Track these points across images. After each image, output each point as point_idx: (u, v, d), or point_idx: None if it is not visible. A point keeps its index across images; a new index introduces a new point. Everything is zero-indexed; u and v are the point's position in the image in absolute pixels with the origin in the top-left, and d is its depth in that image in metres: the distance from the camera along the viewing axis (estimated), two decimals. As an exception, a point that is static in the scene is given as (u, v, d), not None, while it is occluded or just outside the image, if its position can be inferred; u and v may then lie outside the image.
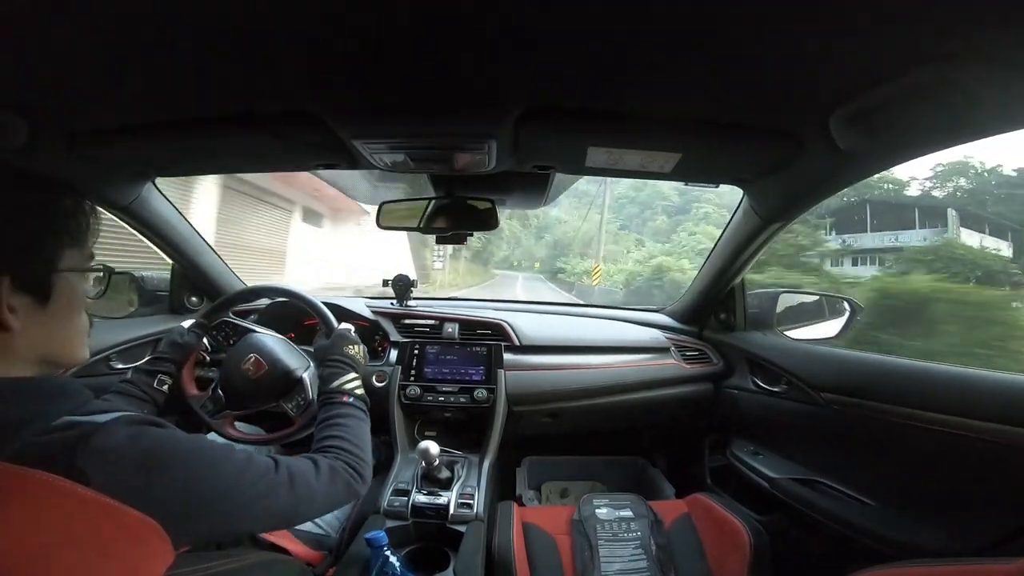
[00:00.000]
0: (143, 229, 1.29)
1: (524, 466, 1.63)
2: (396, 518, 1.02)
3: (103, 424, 0.46)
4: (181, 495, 0.48)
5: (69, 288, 0.53)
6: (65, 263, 0.51)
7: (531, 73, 0.66)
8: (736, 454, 1.39)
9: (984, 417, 0.79)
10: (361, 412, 0.84)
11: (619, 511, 1.15)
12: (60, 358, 0.54)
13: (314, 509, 0.66)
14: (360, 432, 0.80)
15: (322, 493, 0.66)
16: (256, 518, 0.58)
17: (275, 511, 0.60)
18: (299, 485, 0.62)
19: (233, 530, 0.59)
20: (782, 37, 0.54)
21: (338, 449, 0.74)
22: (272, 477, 0.59)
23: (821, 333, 1.34)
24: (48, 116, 0.80)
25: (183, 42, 0.59)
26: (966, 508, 0.86)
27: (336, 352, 0.93)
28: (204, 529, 0.52)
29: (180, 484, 0.48)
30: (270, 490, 0.58)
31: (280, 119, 0.81)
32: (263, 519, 0.60)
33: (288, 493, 0.60)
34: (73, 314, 0.54)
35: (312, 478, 0.65)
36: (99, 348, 1.27)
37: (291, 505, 0.61)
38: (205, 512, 0.51)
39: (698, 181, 1.08)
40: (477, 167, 0.97)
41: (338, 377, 0.87)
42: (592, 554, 1.04)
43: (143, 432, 0.48)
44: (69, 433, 0.44)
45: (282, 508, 0.60)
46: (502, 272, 29.71)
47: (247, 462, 0.57)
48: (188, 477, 0.49)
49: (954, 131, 0.70)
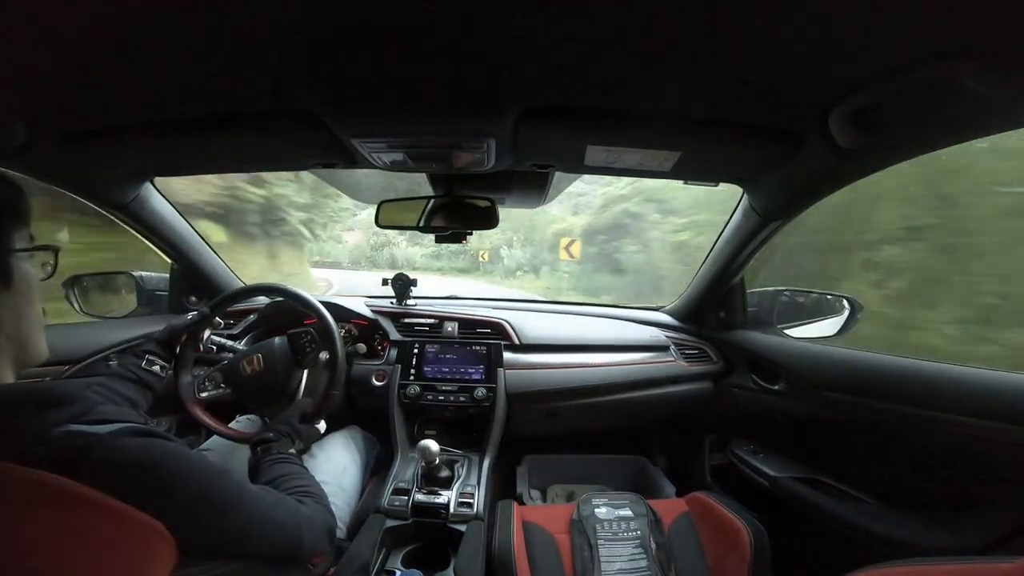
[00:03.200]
0: (141, 229, 1.29)
1: (525, 465, 1.63)
2: (396, 517, 1.02)
3: (106, 435, 0.45)
4: (187, 505, 0.48)
5: (26, 271, 0.53)
6: (17, 244, 0.52)
7: (530, 72, 0.66)
8: (736, 453, 1.39)
9: (985, 415, 0.79)
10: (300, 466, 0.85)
11: (618, 510, 1.15)
12: (32, 344, 0.54)
13: (313, 531, 0.67)
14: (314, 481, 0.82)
15: (317, 516, 0.69)
16: (263, 535, 0.58)
17: (276, 531, 0.60)
18: (296, 507, 0.65)
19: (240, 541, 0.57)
20: (781, 35, 0.54)
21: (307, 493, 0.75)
22: (271, 498, 0.61)
23: (821, 331, 1.33)
24: (46, 116, 0.80)
25: (181, 42, 0.59)
26: (967, 506, 0.86)
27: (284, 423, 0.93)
28: (211, 540, 0.52)
29: (186, 494, 0.48)
30: (273, 509, 0.60)
31: (279, 118, 0.81)
32: (266, 537, 0.59)
33: (288, 515, 0.62)
34: (33, 296, 0.55)
35: (299, 506, 0.67)
36: (99, 348, 1.27)
37: (293, 526, 0.63)
38: (212, 521, 0.51)
39: (697, 179, 1.08)
40: (476, 166, 0.97)
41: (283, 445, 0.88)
42: (592, 554, 1.04)
43: (148, 444, 0.48)
44: (71, 443, 0.44)
45: (284, 531, 0.61)
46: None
47: (244, 486, 0.58)
48: (194, 488, 0.49)
49: (954, 129, 0.69)
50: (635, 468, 1.70)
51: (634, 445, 1.76)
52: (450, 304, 1.66)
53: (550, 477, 1.67)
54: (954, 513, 0.87)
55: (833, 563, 0.73)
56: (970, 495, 0.87)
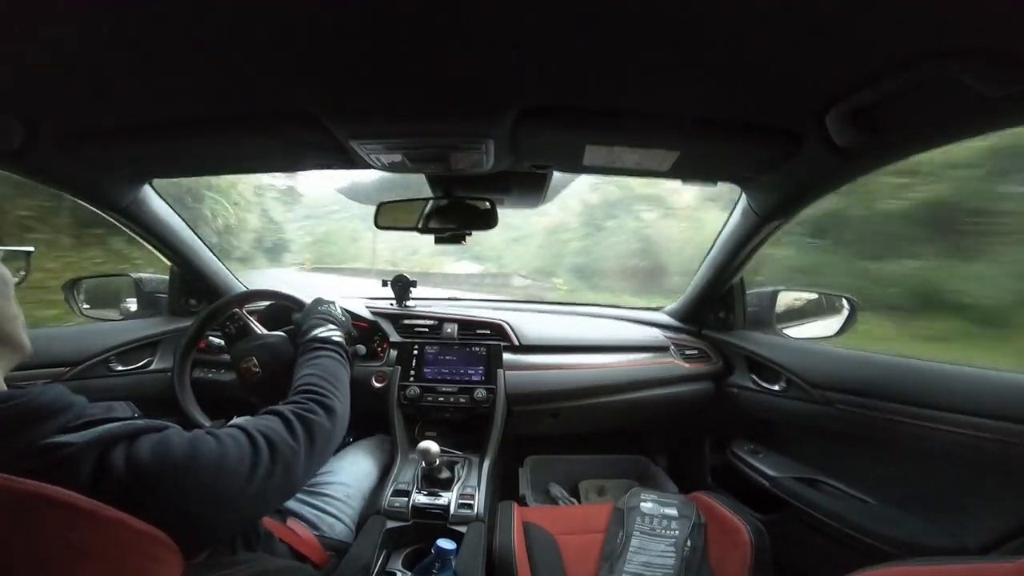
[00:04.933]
0: (140, 231, 1.29)
1: (527, 466, 1.62)
2: (397, 519, 1.02)
3: (87, 444, 0.45)
4: (180, 504, 0.48)
5: (1, 269, 0.54)
6: None
7: (528, 73, 0.66)
8: (736, 453, 1.39)
9: (984, 415, 0.79)
10: (336, 354, 0.84)
11: (664, 508, 1.15)
12: (14, 342, 0.55)
13: (309, 465, 0.65)
14: (333, 369, 0.79)
15: (304, 449, 0.64)
16: (258, 502, 0.57)
17: (273, 488, 0.58)
18: (282, 449, 0.60)
19: (239, 521, 0.57)
20: (779, 34, 0.54)
21: (307, 391, 0.73)
22: (254, 459, 0.57)
23: (820, 331, 1.33)
24: (44, 118, 0.80)
25: (179, 44, 0.59)
26: (967, 507, 0.86)
27: (312, 313, 0.97)
28: (210, 531, 0.51)
29: (177, 494, 0.48)
30: (256, 467, 0.56)
31: (277, 120, 0.81)
32: (266, 501, 0.59)
33: (273, 462, 0.59)
34: (10, 293, 0.56)
35: (287, 434, 0.63)
36: (99, 350, 1.27)
37: (283, 474, 0.59)
38: (208, 513, 0.50)
39: (696, 179, 1.08)
40: (475, 167, 0.97)
41: (315, 328, 0.89)
42: (624, 542, 1.05)
43: (129, 449, 0.47)
44: (54, 456, 0.43)
45: (276, 480, 0.59)
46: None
47: (221, 452, 0.54)
48: (183, 486, 0.49)
49: (952, 128, 0.69)
50: (638, 468, 1.70)
51: (636, 445, 1.76)
52: (450, 305, 1.66)
53: (552, 478, 1.67)
54: (954, 513, 0.87)
55: (833, 563, 0.73)
56: (970, 495, 0.86)
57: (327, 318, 0.97)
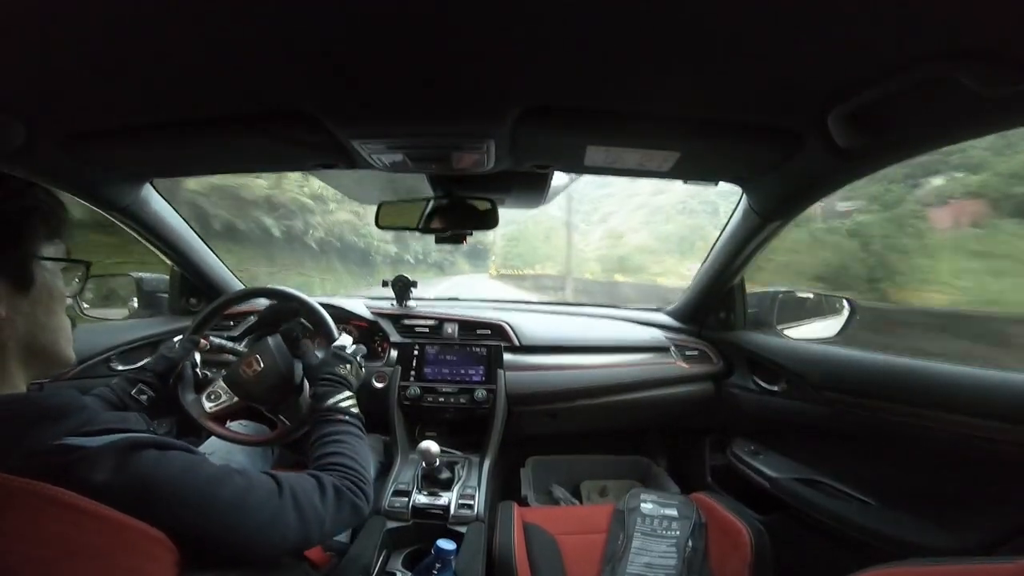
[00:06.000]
0: (141, 231, 1.29)
1: (529, 466, 1.63)
2: (397, 519, 1.02)
3: (93, 450, 0.45)
4: (180, 521, 0.48)
5: (50, 279, 0.54)
6: (45, 253, 0.53)
7: (529, 73, 0.66)
8: (737, 453, 1.38)
9: (985, 415, 0.79)
10: (358, 430, 0.83)
11: (664, 509, 1.15)
12: (49, 353, 0.54)
13: (323, 533, 0.65)
14: (360, 450, 0.78)
15: (330, 516, 0.65)
16: (265, 544, 0.57)
17: (284, 536, 0.58)
18: (306, 508, 0.61)
19: (240, 554, 0.55)
20: (780, 34, 0.54)
21: (340, 467, 0.72)
22: (277, 502, 0.58)
23: (820, 332, 1.33)
24: (44, 118, 0.80)
25: (180, 43, 0.59)
26: (967, 507, 0.86)
27: (329, 370, 0.91)
28: (214, 549, 0.51)
29: (176, 511, 0.48)
30: (276, 516, 0.57)
31: (277, 120, 0.81)
32: (273, 544, 0.58)
33: (296, 518, 0.59)
34: (55, 306, 0.55)
35: (317, 499, 0.64)
36: (99, 349, 1.27)
37: (300, 530, 0.60)
38: (207, 537, 0.50)
39: (697, 179, 1.08)
40: (476, 167, 0.97)
41: (332, 396, 0.85)
42: (625, 544, 1.05)
43: (135, 459, 0.47)
44: (63, 457, 0.43)
45: (292, 533, 0.59)
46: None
47: (247, 488, 0.56)
48: (184, 505, 0.49)
49: (953, 129, 0.69)
50: (640, 469, 1.70)
51: (636, 445, 1.76)
52: (450, 305, 1.66)
53: (554, 478, 1.67)
54: (954, 513, 0.87)
55: (833, 563, 0.74)
56: (970, 495, 0.86)
57: (346, 384, 0.91)
